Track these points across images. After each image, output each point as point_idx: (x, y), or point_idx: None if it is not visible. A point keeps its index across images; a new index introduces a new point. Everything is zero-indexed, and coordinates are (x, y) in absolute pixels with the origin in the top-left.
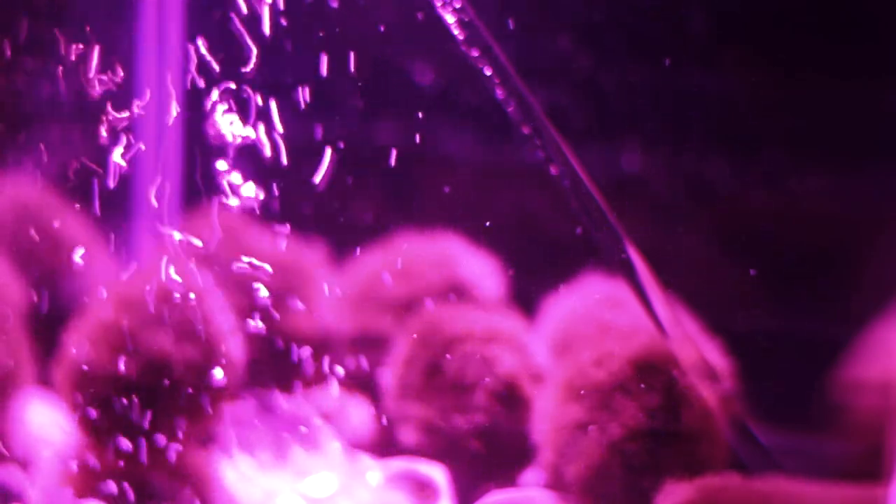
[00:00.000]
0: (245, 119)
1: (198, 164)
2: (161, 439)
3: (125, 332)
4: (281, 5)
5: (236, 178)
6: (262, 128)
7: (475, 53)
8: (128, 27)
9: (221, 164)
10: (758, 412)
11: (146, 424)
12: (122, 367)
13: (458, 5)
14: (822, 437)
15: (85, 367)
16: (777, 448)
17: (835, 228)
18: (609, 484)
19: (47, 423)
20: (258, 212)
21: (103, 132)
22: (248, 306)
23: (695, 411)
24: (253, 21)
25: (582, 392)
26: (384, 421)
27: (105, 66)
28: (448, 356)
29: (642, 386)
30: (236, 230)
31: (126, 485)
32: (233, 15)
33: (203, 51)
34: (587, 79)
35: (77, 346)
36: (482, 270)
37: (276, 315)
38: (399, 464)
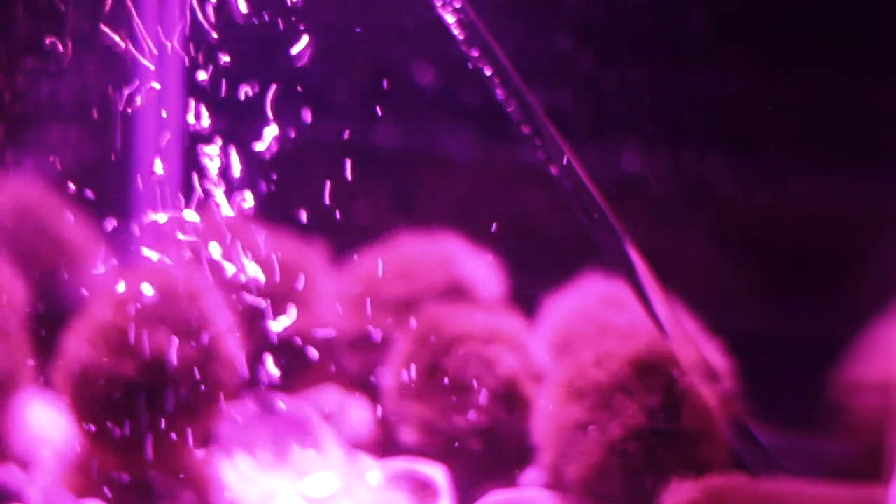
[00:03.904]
0: (245, 119)
1: (198, 162)
2: (161, 439)
3: (125, 331)
4: (281, 5)
5: (236, 177)
6: (261, 128)
7: (475, 53)
8: (128, 24)
9: (222, 164)
10: (758, 412)
11: (146, 424)
12: (121, 366)
13: (458, 5)
14: (822, 437)
15: (84, 367)
16: (777, 448)
17: (835, 228)
18: (609, 484)
19: (47, 423)
20: (258, 211)
21: (102, 131)
22: (248, 306)
23: (695, 411)
24: (252, 21)
25: (582, 392)
26: (384, 421)
27: (105, 64)
28: (448, 356)
29: (642, 386)
30: (237, 229)
31: (126, 484)
32: (233, 14)
33: (202, 51)
34: (587, 79)
35: (76, 345)
36: (482, 270)
37: (277, 315)
38: (399, 464)
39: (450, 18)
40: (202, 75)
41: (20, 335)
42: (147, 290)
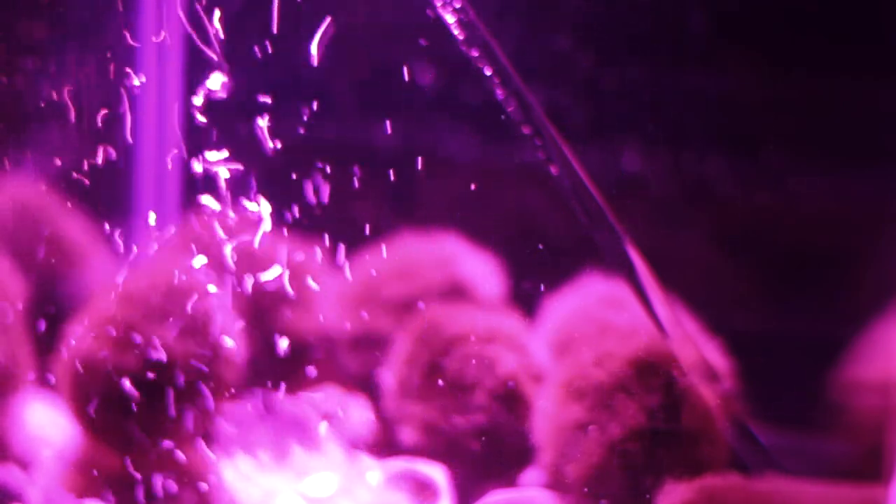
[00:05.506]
0: (245, 119)
1: (198, 162)
2: (161, 438)
3: (125, 330)
4: (280, 5)
5: (236, 177)
6: (261, 128)
7: (475, 53)
8: (128, 26)
9: (221, 164)
10: (758, 412)
11: (146, 423)
12: (122, 365)
13: (458, 5)
14: (822, 437)
15: (85, 366)
16: (777, 448)
17: (835, 228)
18: (609, 484)
19: (47, 423)
20: (259, 212)
21: (102, 131)
22: (250, 306)
23: (695, 411)
24: (252, 21)
25: (582, 392)
26: (384, 421)
27: (105, 64)
28: (448, 356)
29: (642, 386)
30: (237, 229)
31: (126, 484)
32: (232, 14)
33: (203, 49)
34: (587, 79)
35: (77, 344)
36: (482, 270)
37: (277, 315)
38: (399, 464)
39: (450, 18)
40: (203, 76)
41: (20, 335)
42: (148, 288)
